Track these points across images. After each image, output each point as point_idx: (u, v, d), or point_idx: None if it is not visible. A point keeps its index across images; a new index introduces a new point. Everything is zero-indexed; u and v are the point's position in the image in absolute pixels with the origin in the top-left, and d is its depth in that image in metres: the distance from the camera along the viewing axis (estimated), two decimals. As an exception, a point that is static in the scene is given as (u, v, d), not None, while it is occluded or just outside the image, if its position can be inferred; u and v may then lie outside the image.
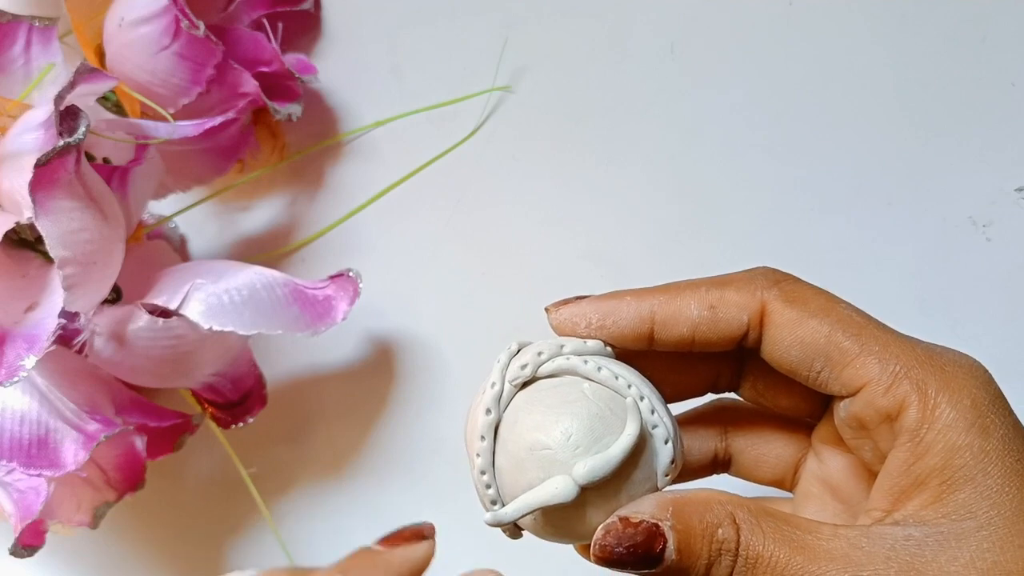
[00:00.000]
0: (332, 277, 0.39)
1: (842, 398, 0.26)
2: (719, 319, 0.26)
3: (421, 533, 0.25)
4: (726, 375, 0.30)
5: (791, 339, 0.26)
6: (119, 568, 0.45)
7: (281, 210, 0.46)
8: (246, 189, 0.46)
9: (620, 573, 0.25)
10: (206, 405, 0.40)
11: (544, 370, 0.26)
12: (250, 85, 0.40)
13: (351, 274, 0.38)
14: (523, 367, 0.26)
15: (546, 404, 0.26)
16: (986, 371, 0.25)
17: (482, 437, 0.26)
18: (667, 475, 0.26)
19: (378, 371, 0.44)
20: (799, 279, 0.27)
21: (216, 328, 0.35)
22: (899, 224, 0.41)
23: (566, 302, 0.28)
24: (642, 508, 0.24)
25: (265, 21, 0.43)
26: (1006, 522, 0.23)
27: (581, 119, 0.44)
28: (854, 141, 0.41)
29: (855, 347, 0.25)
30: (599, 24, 0.44)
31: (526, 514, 0.25)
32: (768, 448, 0.30)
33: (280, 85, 0.43)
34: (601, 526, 0.24)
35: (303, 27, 0.46)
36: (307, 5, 0.45)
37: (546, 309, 0.28)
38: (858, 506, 0.28)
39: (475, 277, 0.44)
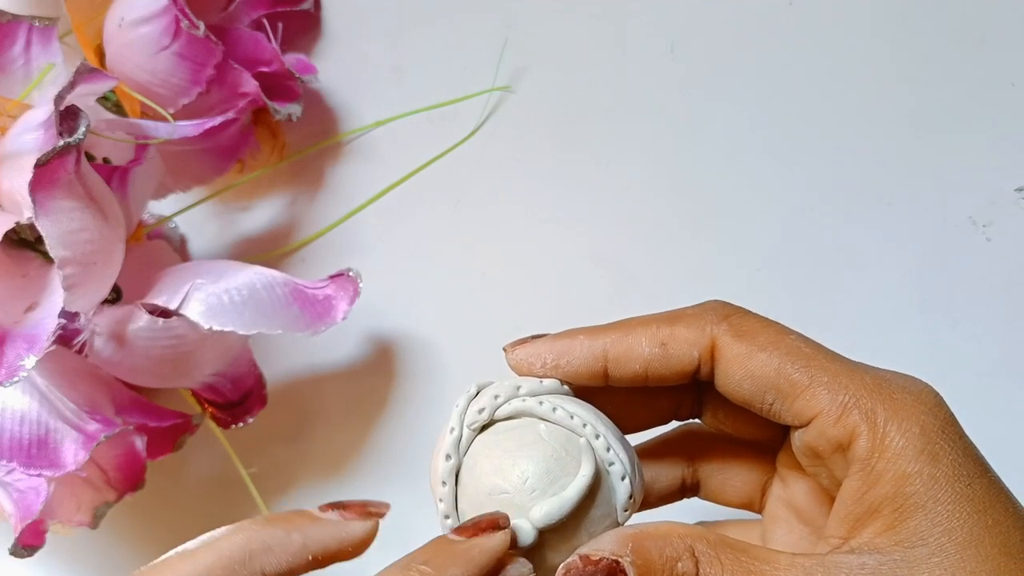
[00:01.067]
0: (332, 277, 0.39)
1: (796, 428, 0.26)
2: (670, 355, 0.27)
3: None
4: (687, 404, 0.30)
5: (742, 373, 0.26)
6: (119, 568, 0.45)
7: (281, 210, 0.46)
8: (246, 189, 0.46)
9: None
10: (206, 405, 0.40)
11: (501, 413, 0.27)
12: (250, 85, 0.40)
13: (351, 274, 0.38)
14: (480, 411, 0.27)
15: (503, 448, 0.26)
16: (936, 395, 0.26)
17: (443, 483, 0.27)
18: (626, 510, 0.27)
19: (378, 371, 0.44)
20: (749, 312, 0.27)
21: (216, 328, 0.35)
22: (899, 224, 0.41)
23: (522, 342, 0.28)
24: (602, 545, 0.25)
25: (265, 21, 0.43)
26: (957, 548, 0.23)
27: (581, 119, 0.44)
28: (854, 141, 0.41)
29: (804, 379, 0.25)
30: (599, 24, 0.44)
31: None
32: (734, 473, 0.31)
33: (280, 85, 0.43)
34: (562, 565, 0.24)
35: (303, 27, 0.46)
36: (307, 5, 0.45)
37: (504, 349, 0.29)
38: (823, 529, 0.28)
39: (475, 277, 0.44)
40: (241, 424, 0.40)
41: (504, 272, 0.43)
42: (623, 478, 0.26)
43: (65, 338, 0.35)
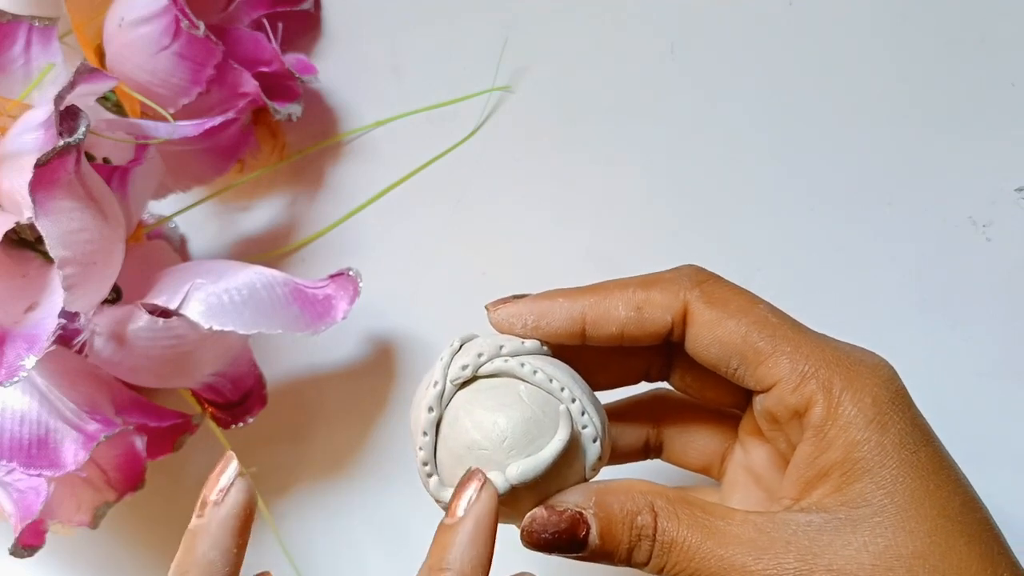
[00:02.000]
0: (332, 276, 0.39)
1: (758, 393, 0.28)
2: (645, 319, 0.28)
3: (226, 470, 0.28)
4: (657, 366, 0.32)
5: (710, 338, 0.28)
6: (119, 568, 0.45)
7: (281, 210, 0.46)
8: (246, 189, 0.46)
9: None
10: (206, 405, 0.40)
11: (483, 371, 0.28)
12: (250, 85, 0.40)
13: (351, 273, 0.38)
14: (464, 368, 0.28)
15: (484, 406, 0.28)
16: (890, 369, 0.27)
17: (424, 433, 0.28)
18: (594, 469, 0.28)
19: (378, 371, 0.44)
20: (721, 279, 0.29)
21: (216, 328, 0.35)
22: (899, 224, 0.41)
23: (504, 301, 0.30)
24: (567, 498, 0.27)
25: (265, 21, 0.43)
26: (898, 509, 0.25)
27: (581, 119, 0.44)
28: (854, 141, 0.41)
29: (768, 347, 0.27)
30: (599, 24, 0.44)
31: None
32: (697, 437, 0.32)
33: (280, 85, 0.43)
34: (528, 514, 0.27)
35: (303, 27, 0.46)
36: (307, 5, 0.45)
37: (486, 307, 0.30)
38: (779, 494, 0.29)
39: (475, 277, 0.44)
40: (241, 424, 0.40)
41: (504, 272, 0.43)
42: (595, 441, 0.28)
43: (65, 338, 0.35)
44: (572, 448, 0.27)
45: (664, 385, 0.33)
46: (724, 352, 0.28)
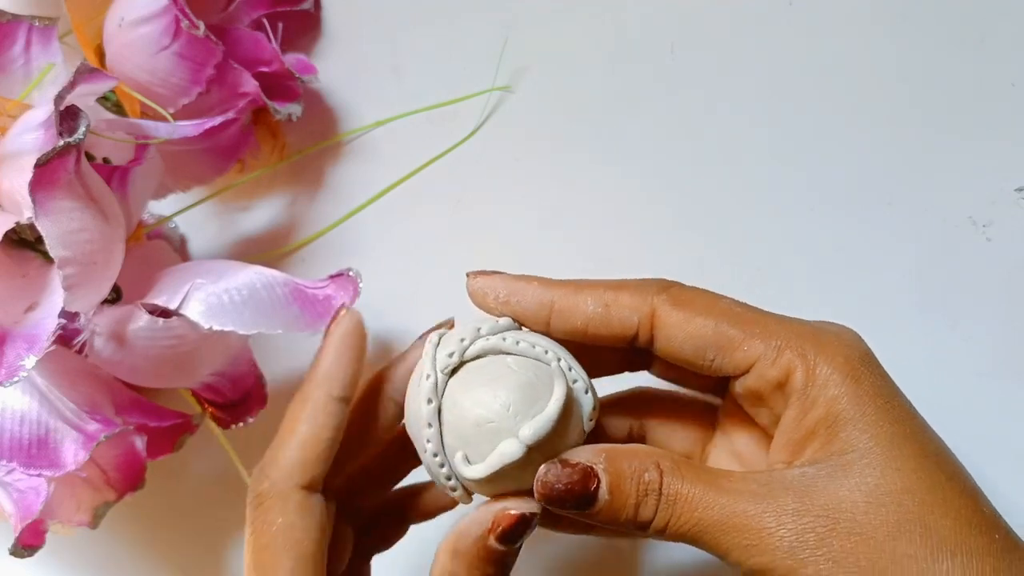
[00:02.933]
0: (332, 276, 0.39)
1: (737, 377, 0.29)
2: (612, 317, 0.30)
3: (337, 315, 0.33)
4: (637, 359, 0.33)
5: (683, 336, 0.29)
6: (119, 568, 0.45)
7: (281, 210, 0.46)
8: (246, 189, 0.46)
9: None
10: (206, 405, 0.40)
11: (469, 353, 0.30)
12: (250, 85, 0.40)
13: (351, 274, 0.38)
14: (450, 355, 0.29)
15: (479, 383, 0.29)
16: (856, 335, 0.29)
17: (428, 424, 0.29)
18: (591, 420, 0.30)
19: (378, 371, 0.44)
20: (685, 285, 0.30)
21: (216, 328, 0.35)
22: (899, 224, 0.41)
23: (484, 273, 0.32)
24: (579, 455, 0.28)
25: (265, 21, 0.43)
26: (883, 450, 0.27)
27: (581, 119, 0.44)
28: (854, 141, 0.41)
29: (740, 334, 0.29)
30: (599, 24, 0.44)
31: (488, 475, 0.28)
32: (679, 427, 0.34)
33: (280, 85, 0.43)
34: (543, 466, 0.28)
35: (303, 27, 0.46)
36: (307, 5, 0.45)
37: (467, 274, 0.32)
38: (769, 461, 0.30)
39: (475, 277, 0.44)
40: (241, 424, 0.40)
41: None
42: (586, 392, 0.30)
43: (65, 338, 0.35)
44: (569, 402, 0.29)
45: (645, 374, 0.34)
46: (699, 346, 0.29)
